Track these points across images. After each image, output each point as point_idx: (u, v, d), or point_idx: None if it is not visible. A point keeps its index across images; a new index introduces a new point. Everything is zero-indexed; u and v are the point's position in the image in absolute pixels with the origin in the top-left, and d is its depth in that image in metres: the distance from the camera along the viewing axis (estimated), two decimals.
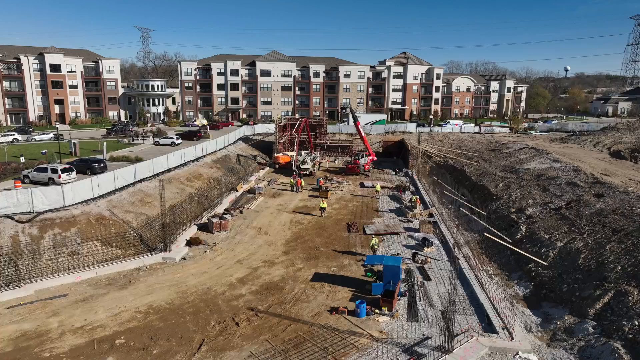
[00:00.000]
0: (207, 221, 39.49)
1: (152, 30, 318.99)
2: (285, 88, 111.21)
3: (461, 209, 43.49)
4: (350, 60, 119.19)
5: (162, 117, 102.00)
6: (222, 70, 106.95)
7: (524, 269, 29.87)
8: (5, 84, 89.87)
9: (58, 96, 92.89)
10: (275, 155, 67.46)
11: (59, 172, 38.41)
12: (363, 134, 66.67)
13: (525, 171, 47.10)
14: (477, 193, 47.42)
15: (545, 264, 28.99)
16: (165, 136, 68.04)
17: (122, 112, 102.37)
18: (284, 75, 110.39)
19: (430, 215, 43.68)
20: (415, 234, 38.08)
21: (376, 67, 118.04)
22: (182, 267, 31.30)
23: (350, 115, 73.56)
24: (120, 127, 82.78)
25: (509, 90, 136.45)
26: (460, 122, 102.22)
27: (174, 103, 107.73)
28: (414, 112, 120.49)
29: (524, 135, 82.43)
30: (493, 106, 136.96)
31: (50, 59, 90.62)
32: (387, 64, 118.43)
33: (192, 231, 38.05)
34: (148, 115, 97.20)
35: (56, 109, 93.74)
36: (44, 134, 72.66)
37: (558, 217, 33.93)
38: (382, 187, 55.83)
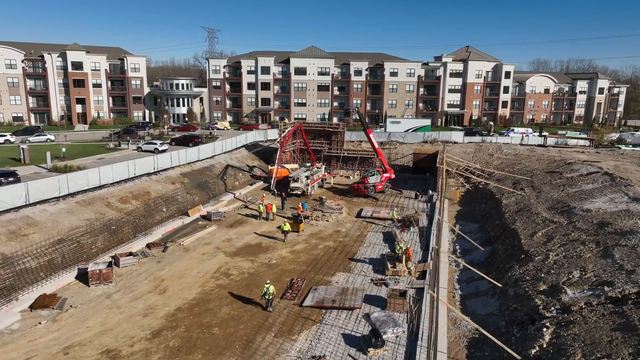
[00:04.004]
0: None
1: (219, 30, 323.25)
2: (322, 88, 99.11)
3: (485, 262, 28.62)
4: (401, 57, 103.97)
5: (185, 119, 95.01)
6: (253, 68, 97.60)
7: None
8: (31, 83, 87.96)
9: (80, 95, 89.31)
10: (270, 167, 55.69)
11: None
12: (376, 145, 52.53)
13: (583, 214, 30.58)
14: (504, 241, 31.82)
15: None
16: (149, 141, 59.41)
17: (147, 113, 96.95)
18: (320, 74, 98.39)
19: (422, 275, 29.19)
20: (375, 314, 24.11)
21: (429, 64, 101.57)
22: None
23: (353, 118, 60.80)
24: (127, 128, 76.54)
25: (601, 91, 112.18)
26: (529, 130, 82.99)
27: (202, 103, 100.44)
28: (476, 117, 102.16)
29: (607, 150, 62.41)
30: (579, 111, 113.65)
31: (72, 56, 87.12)
32: (444, 59, 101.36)
33: (64, 280, 27.55)
34: (166, 116, 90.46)
35: (79, 108, 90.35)
36: (38, 135, 67.67)
37: (615, 323, 18.33)
38: (382, 219, 41.91)
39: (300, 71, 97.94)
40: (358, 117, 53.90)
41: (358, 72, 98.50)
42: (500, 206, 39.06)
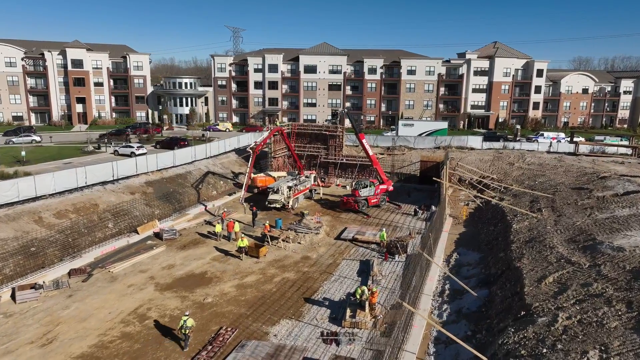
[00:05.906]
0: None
1: (243, 30, 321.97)
2: (334, 87, 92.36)
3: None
4: (420, 54, 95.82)
5: (188, 120, 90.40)
6: (260, 66, 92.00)
7: None
8: (31, 81, 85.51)
9: (80, 94, 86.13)
10: (253, 175, 49.49)
11: None
12: (370, 152, 45.52)
13: (613, 254, 22.73)
14: (504, 285, 24.36)
15: None
16: (126, 144, 54.66)
17: (150, 113, 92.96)
18: (332, 72, 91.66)
19: (387, 330, 22.16)
20: None
21: (451, 61, 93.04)
22: None
23: (342, 121, 54.97)
24: (119, 130, 72.54)
25: None
26: (560, 134, 73.49)
27: (206, 103, 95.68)
28: (502, 119, 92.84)
29: None
30: (623, 113, 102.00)
31: (72, 54, 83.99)
32: (468, 56, 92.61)
33: None
34: (166, 116, 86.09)
35: (79, 107, 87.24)
36: (23, 136, 64.30)
37: None
38: (366, 242, 35.00)
39: (310, 69, 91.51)
40: (349, 120, 47.05)
41: (372, 70, 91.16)
42: (509, 232, 31.39)
